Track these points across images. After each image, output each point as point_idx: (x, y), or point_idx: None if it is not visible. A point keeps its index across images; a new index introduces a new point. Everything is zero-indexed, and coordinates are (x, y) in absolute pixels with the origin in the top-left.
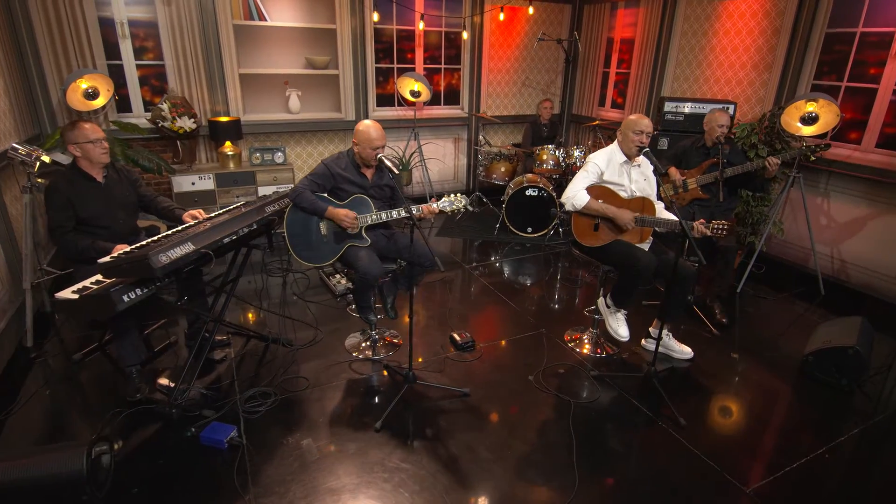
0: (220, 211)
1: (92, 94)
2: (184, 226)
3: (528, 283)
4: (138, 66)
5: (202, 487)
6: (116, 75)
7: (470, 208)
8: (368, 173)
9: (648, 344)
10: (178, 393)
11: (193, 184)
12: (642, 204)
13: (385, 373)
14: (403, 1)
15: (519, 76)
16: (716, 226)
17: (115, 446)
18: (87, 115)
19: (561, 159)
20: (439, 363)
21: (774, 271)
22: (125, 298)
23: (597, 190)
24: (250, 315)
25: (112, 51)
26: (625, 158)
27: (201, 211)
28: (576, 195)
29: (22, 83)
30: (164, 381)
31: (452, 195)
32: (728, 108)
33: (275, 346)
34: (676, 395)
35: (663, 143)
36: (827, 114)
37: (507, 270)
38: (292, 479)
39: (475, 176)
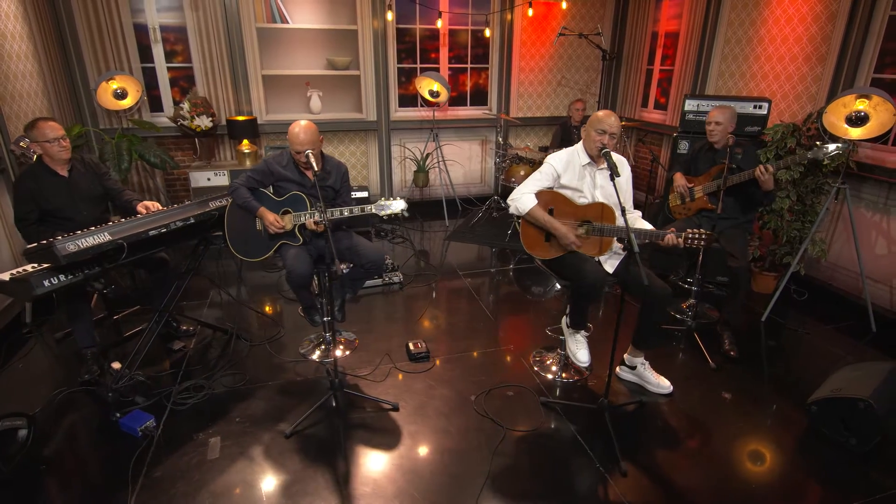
0: (175, 205)
1: (121, 95)
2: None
3: (523, 295)
4: (169, 69)
5: (99, 472)
6: (149, 77)
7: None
8: (310, 172)
9: (623, 372)
10: (118, 378)
11: (209, 179)
12: (601, 211)
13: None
14: (425, 1)
15: (554, 75)
16: (690, 235)
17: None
18: (121, 114)
19: None
20: (383, 372)
21: (820, 299)
22: (45, 283)
23: (548, 196)
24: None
25: (145, 54)
26: (588, 160)
27: (156, 204)
28: (520, 198)
29: (66, 84)
30: (115, 364)
31: (389, 199)
32: (761, 106)
33: (236, 341)
34: (632, 437)
35: (683, 147)
36: (881, 114)
37: (504, 280)
38: (182, 475)
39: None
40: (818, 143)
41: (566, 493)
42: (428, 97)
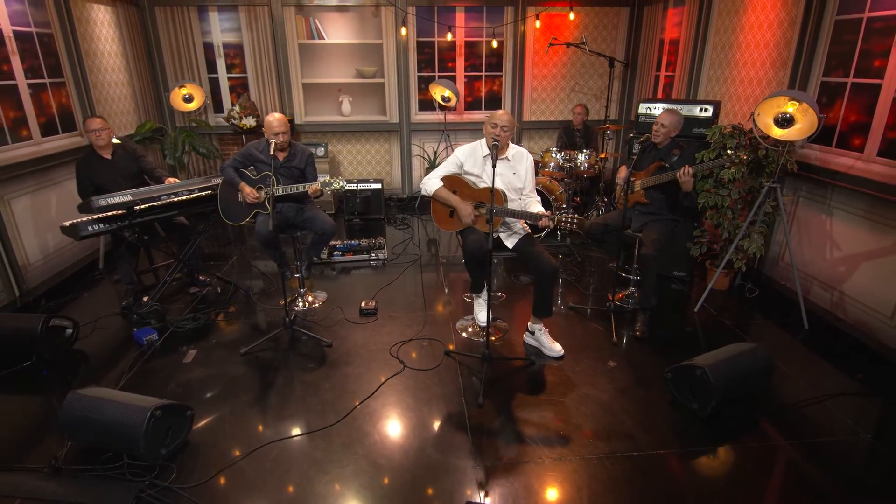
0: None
1: (188, 99)
2: None
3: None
4: (229, 78)
5: (110, 362)
6: (214, 85)
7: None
8: (280, 155)
9: (527, 337)
10: (142, 306)
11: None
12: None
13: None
14: (441, 18)
15: (567, 82)
16: (563, 219)
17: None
18: (191, 114)
19: (561, 162)
20: (333, 320)
21: (771, 298)
22: (89, 229)
23: (453, 180)
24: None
25: (212, 67)
26: (488, 152)
27: (175, 179)
28: (428, 182)
29: (153, 90)
30: (145, 298)
31: (334, 179)
32: (706, 109)
33: (235, 290)
34: (504, 383)
35: (637, 148)
36: (809, 119)
37: None
38: (162, 370)
39: None
40: (729, 151)
41: (427, 411)
42: (441, 102)
